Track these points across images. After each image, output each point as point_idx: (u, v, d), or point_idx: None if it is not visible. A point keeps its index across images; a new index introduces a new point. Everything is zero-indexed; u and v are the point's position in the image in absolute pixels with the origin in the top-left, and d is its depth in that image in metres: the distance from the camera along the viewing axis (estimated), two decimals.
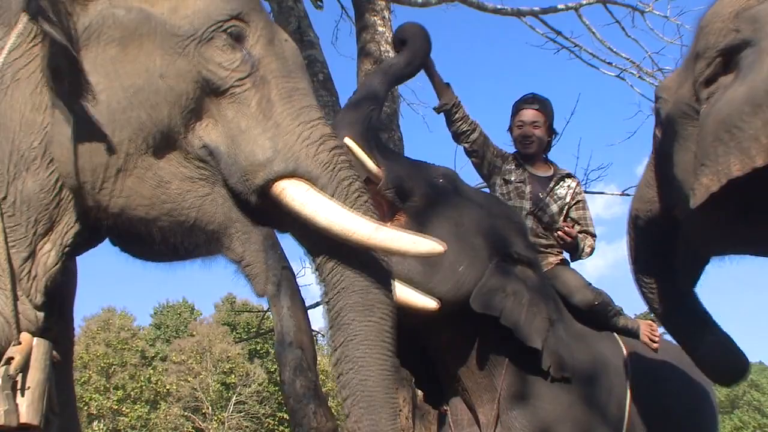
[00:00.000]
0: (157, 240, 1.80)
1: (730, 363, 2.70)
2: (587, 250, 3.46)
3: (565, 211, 3.53)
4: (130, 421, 23.86)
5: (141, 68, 1.72)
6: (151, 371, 25.60)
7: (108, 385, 24.30)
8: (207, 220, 1.81)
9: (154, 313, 31.94)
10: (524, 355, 2.85)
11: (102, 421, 23.68)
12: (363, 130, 2.77)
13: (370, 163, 2.71)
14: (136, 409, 24.02)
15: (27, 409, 1.65)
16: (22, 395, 1.66)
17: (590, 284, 3.29)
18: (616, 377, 3.07)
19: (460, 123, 3.47)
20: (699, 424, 3.36)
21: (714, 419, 3.53)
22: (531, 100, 3.61)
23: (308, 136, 1.82)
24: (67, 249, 1.81)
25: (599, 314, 3.22)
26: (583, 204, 3.57)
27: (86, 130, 1.67)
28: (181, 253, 1.85)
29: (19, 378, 1.66)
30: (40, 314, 1.77)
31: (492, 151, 3.56)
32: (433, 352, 3.05)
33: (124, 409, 23.92)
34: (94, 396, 23.06)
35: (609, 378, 3.05)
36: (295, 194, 1.77)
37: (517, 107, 3.62)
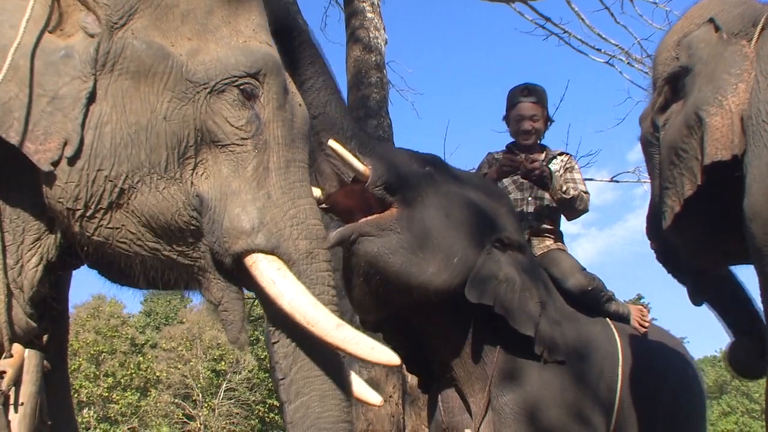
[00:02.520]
0: (137, 272, 1.78)
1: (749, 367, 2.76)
2: (572, 192, 3.37)
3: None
4: (120, 408, 23.83)
5: (147, 107, 1.69)
6: (141, 358, 25.52)
7: (98, 373, 24.23)
8: (189, 263, 1.79)
9: (144, 300, 31.77)
10: (516, 340, 2.88)
11: (92, 408, 23.63)
12: (344, 127, 2.75)
13: (357, 163, 2.70)
14: (126, 397, 23.98)
15: (19, 425, 1.63)
16: (15, 411, 1.63)
17: (584, 269, 3.33)
18: (607, 361, 3.11)
19: None
20: (688, 410, 3.42)
21: (702, 404, 3.60)
22: (527, 92, 3.59)
23: (295, 215, 1.80)
24: (51, 263, 1.78)
25: (591, 299, 3.26)
26: (571, 169, 3.56)
27: (86, 158, 1.65)
28: (159, 286, 1.83)
29: (11, 392, 1.64)
30: (32, 323, 1.75)
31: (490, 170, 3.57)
32: (426, 340, 3.08)
33: (114, 396, 23.87)
34: (84, 383, 22.98)
35: (600, 362, 3.09)
36: (266, 271, 1.74)
37: (514, 99, 3.60)
